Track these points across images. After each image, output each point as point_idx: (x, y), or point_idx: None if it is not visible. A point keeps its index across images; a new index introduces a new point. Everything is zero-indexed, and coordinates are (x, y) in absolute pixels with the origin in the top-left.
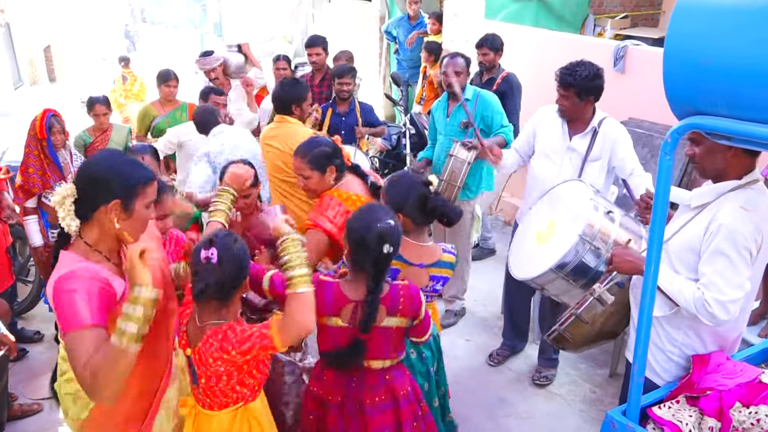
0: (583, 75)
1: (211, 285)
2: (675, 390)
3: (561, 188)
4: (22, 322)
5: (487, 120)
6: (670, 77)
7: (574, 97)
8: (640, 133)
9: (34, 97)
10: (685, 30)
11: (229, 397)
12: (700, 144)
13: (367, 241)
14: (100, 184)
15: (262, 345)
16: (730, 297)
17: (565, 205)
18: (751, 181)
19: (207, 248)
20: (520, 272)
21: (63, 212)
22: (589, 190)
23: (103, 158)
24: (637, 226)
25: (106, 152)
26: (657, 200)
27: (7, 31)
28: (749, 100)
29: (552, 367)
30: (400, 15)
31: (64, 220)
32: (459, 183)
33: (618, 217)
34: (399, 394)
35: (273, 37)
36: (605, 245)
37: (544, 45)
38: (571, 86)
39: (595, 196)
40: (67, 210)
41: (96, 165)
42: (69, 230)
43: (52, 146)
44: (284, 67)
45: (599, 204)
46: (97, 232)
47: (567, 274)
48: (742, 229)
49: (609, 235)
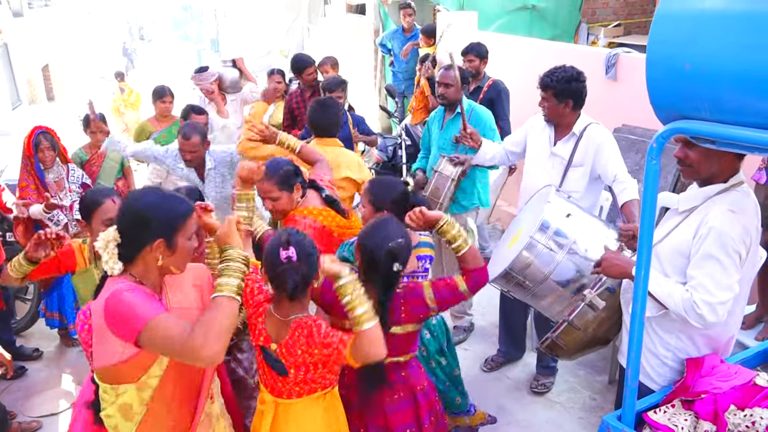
0: (559, 77)
1: (299, 282)
2: (670, 394)
3: (536, 195)
4: (21, 340)
5: None
6: (654, 83)
7: (553, 99)
8: (634, 140)
9: (33, 116)
10: (667, 36)
11: (318, 383)
12: (694, 147)
13: (377, 259)
14: (142, 225)
15: (336, 358)
16: (720, 299)
17: (532, 212)
18: (737, 183)
19: (286, 248)
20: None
21: (107, 256)
22: (550, 193)
23: (141, 198)
24: (605, 228)
25: (143, 192)
26: (644, 205)
27: (5, 51)
28: (731, 104)
29: (550, 374)
30: (395, 27)
31: (107, 264)
32: (442, 200)
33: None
34: (416, 389)
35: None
36: (561, 246)
37: (537, 54)
38: (548, 87)
39: (556, 199)
40: (111, 254)
41: (135, 206)
42: (112, 273)
43: (39, 163)
44: (279, 81)
45: (558, 207)
46: (141, 269)
47: (522, 277)
48: (731, 232)
49: (566, 238)
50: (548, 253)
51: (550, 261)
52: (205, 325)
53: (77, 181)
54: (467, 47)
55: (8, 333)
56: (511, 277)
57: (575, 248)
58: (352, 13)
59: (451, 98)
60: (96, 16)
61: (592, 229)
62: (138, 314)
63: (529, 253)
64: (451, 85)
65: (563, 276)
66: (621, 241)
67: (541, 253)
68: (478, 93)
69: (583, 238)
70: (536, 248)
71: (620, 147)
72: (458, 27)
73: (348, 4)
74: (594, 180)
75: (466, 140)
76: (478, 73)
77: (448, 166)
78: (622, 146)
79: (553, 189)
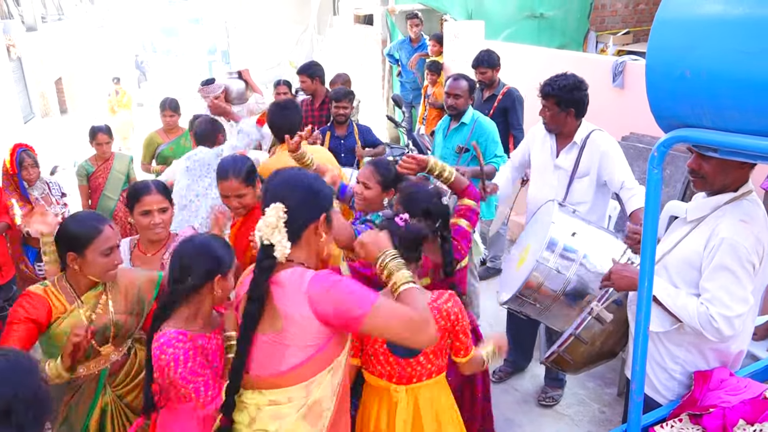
0: (561, 85)
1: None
2: (677, 408)
3: (541, 210)
4: None
5: (480, 147)
6: (654, 91)
7: (555, 107)
8: (641, 148)
9: (45, 130)
10: (666, 42)
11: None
12: (708, 159)
13: (433, 207)
14: (311, 199)
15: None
16: (736, 312)
17: (539, 228)
18: (746, 192)
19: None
20: (502, 298)
21: (279, 236)
22: (554, 211)
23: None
24: (614, 240)
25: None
26: (647, 214)
27: (19, 65)
28: (732, 111)
29: (559, 387)
30: (402, 38)
31: (281, 243)
32: None
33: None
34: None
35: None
36: (570, 264)
37: (545, 63)
38: (550, 96)
39: (561, 217)
40: (282, 232)
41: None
42: (282, 254)
43: (23, 181)
44: (285, 92)
45: (562, 226)
46: (305, 251)
47: (533, 300)
48: (744, 243)
49: (575, 255)
50: (557, 274)
51: (559, 280)
52: (420, 306)
53: (59, 192)
54: (476, 59)
55: None
56: (522, 300)
57: (584, 265)
58: (360, 24)
59: (461, 109)
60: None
61: (600, 243)
62: (358, 302)
63: (539, 273)
64: (460, 96)
65: (575, 292)
66: (627, 244)
67: (550, 273)
68: (493, 101)
69: (591, 253)
70: (544, 268)
71: (628, 156)
72: (466, 37)
73: (356, 15)
74: (601, 187)
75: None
76: (492, 82)
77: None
78: (630, 155)
79: (557, 206)
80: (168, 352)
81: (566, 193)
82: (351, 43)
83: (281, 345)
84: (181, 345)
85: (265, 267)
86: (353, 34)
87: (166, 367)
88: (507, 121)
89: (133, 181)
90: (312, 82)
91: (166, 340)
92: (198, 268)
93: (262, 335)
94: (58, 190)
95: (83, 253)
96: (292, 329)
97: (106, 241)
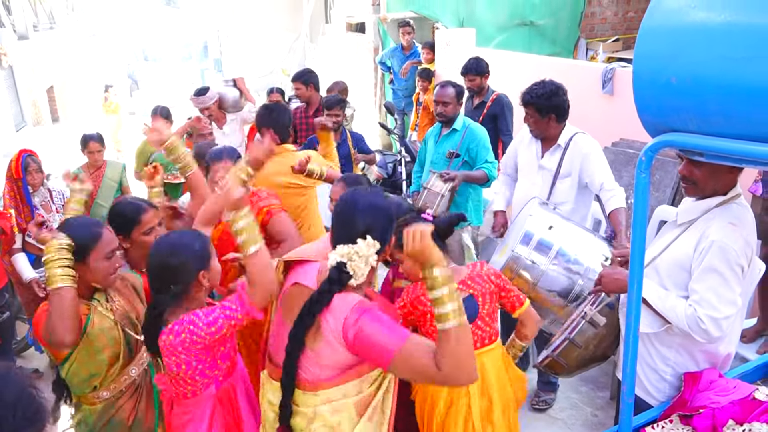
0: (539, 93)
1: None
2: (668, 409)
3: (523, 209)
4: (21, 361)
5: (472, 153)
6: (641, 97)
7: (536, 114)
8: (631, 154)
9: (37, 138)
10: (652, 50)
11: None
12: (699, 165)
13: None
14: (388, 229)
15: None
16: (724, 313)
17: (518, 225)
18: (735, 195)
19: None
20: None
21: (366, 267)
22: (532, 206)
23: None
24: (592, 237)
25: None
26: (635, 218)
27: (11, 73)
28: (717, 116)
29: (551, 391)
30: (394, 46)
31: (363, 275)
32: None
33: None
34: None
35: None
36: (545, 258)
37: (535, 70)
38: (529, 104)
39: (539, 211)
40: (366, 261)
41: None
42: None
43: (27, 186)
44: (278, 100)
45: (540, 219)
46: (368, 276)
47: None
48: (733, 245)
49: (549, 248)
50: (531, 266)
51: (535, 272)
52: (454, 357)
53: (61, 202)
54: (465, 67)
55: (9, 354)
56: None
57: (560, 258)
58: (352, 32)
59: (450, 115)
60: (100, 38)
61: (577, 238)
62: (388, 342)
63: (517, 264)
64: (448, 103)
65: (551, 286)
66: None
67: (525, 265)
68: (482, 108)
69: (568, 247)
70: (520, 260)
71: (618, 161)
72: (457, 44)
73: (348, 23)
74: (583, 189)
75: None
76: (481, 89)
77: (438, 182)
78: (620, 160)
79: (537, 202)
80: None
81: (549, 193)
82: (343, 50)
83: (318, 363)
84: (189, 316)
85: (335, 290)
86: (345, 42)
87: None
88: (497, 127)
89: (125, 189)
90: (306, 89)
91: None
92: (176, 274)
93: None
94: (60, 199)
95: (85, 259)
96: (326, 351)
97: (107, 245)
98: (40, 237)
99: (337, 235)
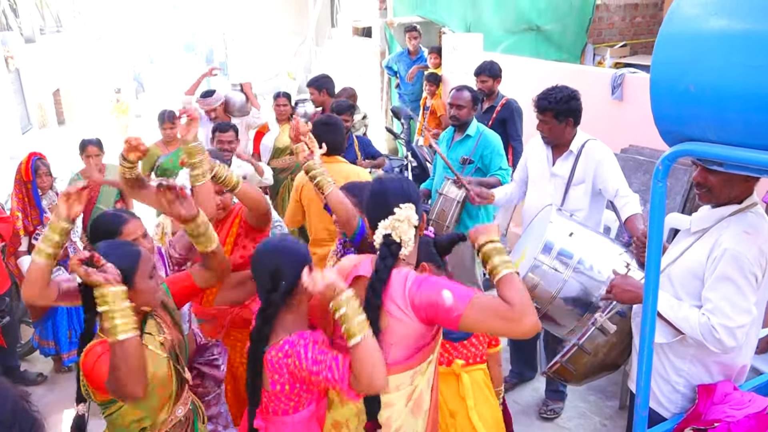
0: (558, 98)
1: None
2: (682, 422)
3: (538, 214)
4: (25, 365)
5: (485, 159)
6: (658, 104)
7: (553, 120)
8: (641, 161)
9: (43, 141)
10: (670, 57)
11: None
12: (714, 172)
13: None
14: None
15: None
16: (738, 323)
17: (536, 231)
18: (751, 204)
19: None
20: None
21: (412, 232)
22: (551, 213)
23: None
24: (611, 244)
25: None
26: (651, 227)
27: (17, 76)
28: (737, 125)
29: (560, 399)
30: (400, 50)
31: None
32: (448, 222)
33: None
34: None
35: (278, 74)
36: (567, 266)
37: (543, 75)
38: (547, 110)
39: (558, 218)
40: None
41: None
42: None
43: (37, 188)
44: (284, 104)
45: (560, 226)
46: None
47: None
48: (747, 254)
49: (571, 257)
50: (554, 273)
51: (556, 281)
52: (518, 293)
53: None
54: (479, 67)
55: (13, 358)
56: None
57: (581, 266)
58: (359, 36)
59: (464, 120)
60: (107, 42)
61: (597, 245)
62: (459, 296)
63: (535, 274)
64: (463, 106)
65: (571, 294)
66: (632, 252)
67: (546, 273)
68: (492, 112)
69: (588, 255)
70: (541, 269)
71: (627, 168)
72: (464, 49)
73: (354, 27)
74: (596, 196)
75: (474, 201)
76: (492, 92)
77: (453, 188)
78: (630, 167)
79: (555, 209)
80: (290, 352)
81: (563, 201)
82: (349, 55)
83: (385, 343)
84: (302, 341)
85: (390, 263)
86: (352, 46)
87: (295, 367)
88: (506, 132)
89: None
90: (319, 94)
91: (285, 342)
92: (287, 268)
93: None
94: None
95: (132, 285)
96: (395, 327)
97: (147, 262)
98: (91, 279)
99: (374, 219)
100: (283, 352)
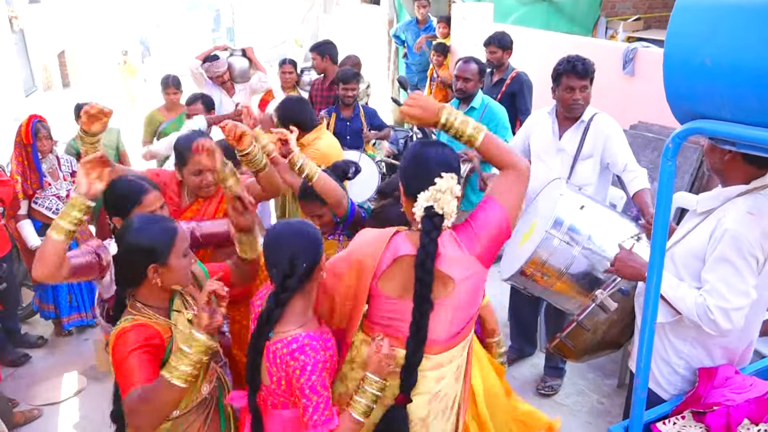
0: (590, 63)
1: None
2: (681, 405)
3: (547, 187)
4: (26, 327)
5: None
6: (671, 79)
7: (590, 87)
8: (650, 137)
9: (47, 103)
10: (687, 29)
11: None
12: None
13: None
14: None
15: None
16: (734, 305)
17: (544, 205)
18: (761, 186)
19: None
20: (505, 273)
21: (455, 202)
22: (561, 186)
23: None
24: (620, 219)
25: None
26: (659, 207)
27: (21, 37)
28: (754, 103)
29: (558, 376)
30: (409, 19)
31: (454, 211)
32: None
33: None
34: None
35: (285, 41)
36: (577, 241)
37: (554, 47)
38: (587, 76)
39: (568, 192)
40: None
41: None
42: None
43: (37, 152)
44: (290, 71)
45: (571, 199)
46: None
47: (540, 273)
48: (747, 235)
49: (580, 232)
50: (565, 248)
51: (566, 255)
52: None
53: (69, 169)
54: (489, 38)
55: (14, 321)
56: (528, 274)
57: (591, 241)
58: (367, 4)
59: (470, 92)
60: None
61: (607, 220)
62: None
63: (545, 247)
64: (470, 79)
65: (580, 269)
66: (644, 228)
67: (557, 248)
68: (501, 85)
69: (598, 230)
70: (552, 243)
71: (636, 145)
72: (474, 19)
73: None
74: (603, 170)
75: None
76: (501, 64)
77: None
78: (638, 144)
79: (564, 181)
80: (300, 359)
81: (570, 175)
82: (357, 22)
83: (451, 308)
84: (313, 354)
85: (435, 236)
86: (359, 14)
87: (293, 374)
88: (515, 105)
89: (123, 153)
90: (322, 60)
91: (299, 346)
92: (306, 252)
93: (434, 301)
94: (68, 167)
95: (167, 262)
96: (461, 286)
97: (183, 241)
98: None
99: (413, 189)
100: (289, 350)
